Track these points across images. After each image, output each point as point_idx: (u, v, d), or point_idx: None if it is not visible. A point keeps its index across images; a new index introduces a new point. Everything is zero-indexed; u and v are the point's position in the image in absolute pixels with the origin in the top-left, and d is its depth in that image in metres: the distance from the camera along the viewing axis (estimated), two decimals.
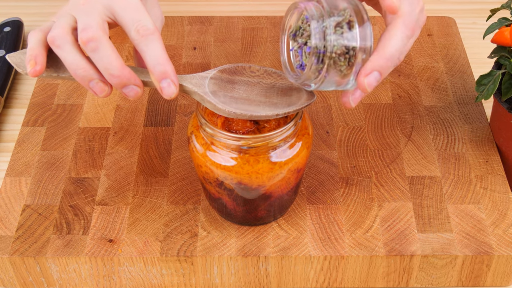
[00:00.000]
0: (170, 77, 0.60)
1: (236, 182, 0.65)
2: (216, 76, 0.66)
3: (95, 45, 0.59)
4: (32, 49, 0.61)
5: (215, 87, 0.65)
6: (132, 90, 0.62)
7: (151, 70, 0.60)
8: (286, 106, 0.63)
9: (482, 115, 0.83)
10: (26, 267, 0.70)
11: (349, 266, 0.70)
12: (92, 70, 0.61)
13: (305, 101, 0.64)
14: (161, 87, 0.61)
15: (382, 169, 0.77)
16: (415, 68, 0.89)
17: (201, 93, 0.63)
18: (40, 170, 0.77)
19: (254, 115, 0.62)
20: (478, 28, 1.00)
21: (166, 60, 0.60)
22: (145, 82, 0.63)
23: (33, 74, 0.60)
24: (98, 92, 0.62)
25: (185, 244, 0.70)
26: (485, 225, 0.71)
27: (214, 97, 0.63)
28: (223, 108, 0.62)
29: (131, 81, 0.61)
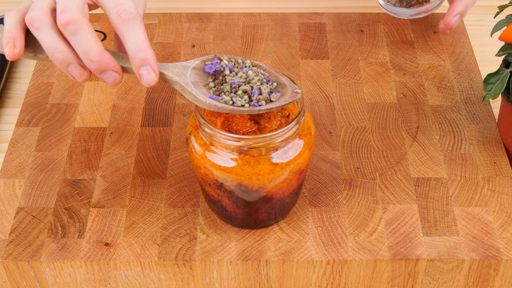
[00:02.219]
0: (150, 64, 0.60)
1: (236, 184, 0.65)
2: (199, 66, 0.66)
3: (74, 28, 0.59)
4: (10, 31, 0.61)
5: (197, 77, 0.64)
6: (110, 76, 0.62)
7: (131, 56, 0.60)
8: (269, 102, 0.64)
9: (489, 115, 0.83)
10: (19, 271, 0.70)
11: (352, 270, 0.70)
12: (70, 54, 0.61)
13: (289, 98, 0.64)
14: (140, 74, 0.61)
15: (386, 171, 0.77)
16: (421, 67, 0.89)
17: (182, 83, 0.63)
18: (34, 171, 0.77)
19: (235, 109, 0.62)
20: (486, 25, 1.00)
21: (147, 47, 0.60)
22: (125, 68, 0.63)
23: (11, 57, 0.60)
24: (77, 77, 0.62)
25: (183, 248, 0.70)
26: (493, 228, 0.72)
27: (195, 88, 0.63)
28: (204, 100, 0.62)
29: (110, 66, 0.61)
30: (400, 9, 0.88)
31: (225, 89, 0.63)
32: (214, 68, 0.65)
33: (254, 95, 0.63)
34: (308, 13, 0.97)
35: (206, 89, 0.64)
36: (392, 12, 0.90)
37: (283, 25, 0.96)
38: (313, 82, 0.87)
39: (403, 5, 0.88)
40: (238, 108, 0.62)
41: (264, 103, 0.63)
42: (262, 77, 0.65)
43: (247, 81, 0.64)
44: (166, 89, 0.86)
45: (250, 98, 0.63)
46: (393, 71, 0.89)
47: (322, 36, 0.94)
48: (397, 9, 0.89)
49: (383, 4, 0.90)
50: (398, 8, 0.88)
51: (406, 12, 0.89)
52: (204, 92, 0.63)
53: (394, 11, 0.89)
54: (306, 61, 0.90)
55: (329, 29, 0.95)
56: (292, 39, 0.93)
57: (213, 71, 0.65)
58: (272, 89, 0.65)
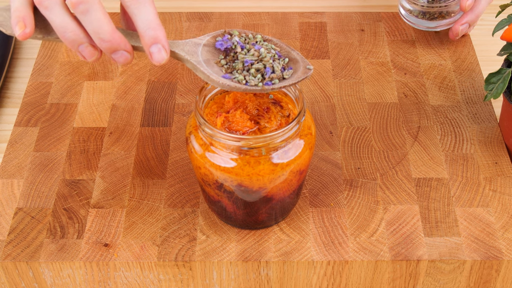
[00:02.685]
0: (161, 42, 0.60)
1: (236, 184, 0.65)
2: (210, 43, 0.65)
3: (86, 8, 0.59)
4: (18, 10, 0.60)
5: (209, 55, 0.64)
6: (122, 55, 0.61)
7: (142, 34, 0.60)
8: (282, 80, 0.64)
9: (491, 115, 0.83)
10: (18, 272, 0.70)
11: (353, 271, 0.70)
12: (81, 33, 0.60)
13: (302, 74, 0.64)
14: (151, 52, 0.61)
15: (387, 171, 0.77)
16: (422, 66, 0.89)
17: (194, 62, 0.63)
18: (33, 171, 0.77)
19: (249, 88, 0.62)
20: (487, 24, 1.00)
21: (158, 25, 0.60)
22: (135, 47, 0.63)
23: (22, 37, 0.60)
24: (88, 57, 0.61)
25: (183, 249, 0.70)
26: (494, 228, 0.72)
27: (207, 67, 0.63)
28: (217, 79, 0.62)
29: (121, 46, 0.61)
30: (421, 21, 0.90)
31: (237, 67, 0.63)
32: (225, 45, 0.64)
33: (267, 74, 0.63)
34: (309, 13, 0.97)
35: (218, 66, 0.64)
36: (413, 22, 0.92)
37: (283, 25, 0.96)
38: (313, 82, 0.87)
39: (425, 17, 0.90)
40: (252, 88, 0.62)
41: (277, 81, 0.63)
42: (274, 53, 0.64)
43: (259, 59, 0.63)
44: (165, 89, 0.86)
45: (263, 77, 0.63)
46: (394, 70, 0.89)
47: (322, 36, 0.94)
48: (419, 20, 0.90)
49: (405, 14, 0.92)
50: (420, 20, 0.90)
51: (427, 24, 0.90)
52: (216, 70, 0.63)
53: (415, 22, 0.91)
54: None
55: (329, 29, 0.95)
56: (293, 39, 0.93)
57: (224, 48, 0.65)
58: (284, 66, 0.65)
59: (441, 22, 0.90)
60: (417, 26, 0.91)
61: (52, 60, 0.90)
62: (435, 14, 0.89)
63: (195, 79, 0.88)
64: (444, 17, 0.89)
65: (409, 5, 0.91)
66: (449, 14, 0.89)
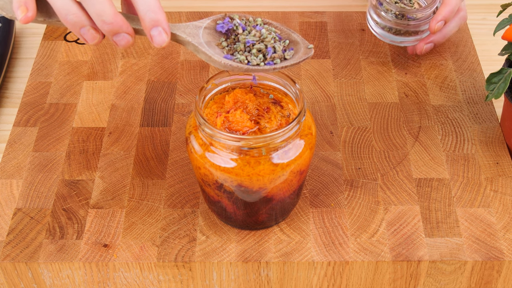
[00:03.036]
0: (161, 25, 0.60)
1: (236, 184, 0.65)
2: (210, 26, 0.65)
3: None
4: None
5: (210, 37, 0.64)
6: (123, 38, 0.61)
7: (142, 17, 0.60)
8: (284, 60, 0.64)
9: (492, 115, 0.83)
10: (17, 273, 0.70)
11: (354, 272, 0.70)
12: (83, 16, 0.60)
13: (303, 55, 0.64)
14: (151, 35, 0.61)
15: (388, 171, 0.77)
16: (423, 66, 0.89)
17: (196, 44, 0.63)
18: (32, 172, 0.77)
19: (251, 68, 0.62)
20: (488, 24, 1.00)
21: (159, 8, 0.60)
22: (136, 30, 0.63)
23: (24, 21, 0.60)
24: (89, 40, 0.61)
25: (183, 249, 0.70)
26: (496, 229, 0.72)
27: (209, 48, 0.63)
28: (219, 60, 0.62)
29: (123, 28, 0.61)
30: (387, 34, 0.87)
31: (238, 48, 0.63)
32: (226, 27, 0.65)
33: (268, 54, 0.63)
34: (309, 12, 0.97)
35: (219, 48, 0.64)
36: (379, 34, 0.88)
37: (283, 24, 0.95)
38: (314, 82, 0.87)
39: (391, 31, 0.86)
40: (253, 67, 0.62)
41: (279, 61, 0.63)
42: (275, 35, 0.65)
43: (261, 40, 0.63)
44: (165, 88, 0.86)
45: (265, 57, 0.63)
46: (394, 70, 0.89)
47: (323, 35, 0.94)
48: (385, 33, 0.87)
49: (372, 25, 0.88)
50: (386, 33, 0.87)
51: (393, 38, 0.87)
52: (218, 52, 0.63)
53: (382, 34, 0.87)
54: (307, 61, 0.90)
55: (330, 28, 0.95)
56: None
57: (225, 30, 0.65)
58: (285, 47, 0.65)
59: (407, 38, 0.86)
60: (383, 38, 0.88)
61: (51, 60, 0.90)
62: (402, 30, 0.86)
63: (195, 79, 0.88)
64: (411, 34, 0.86)
65: (376, 17, 0.87)
66: (416, 33, 0.86)
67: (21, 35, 0.99)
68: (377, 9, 0.86)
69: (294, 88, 0.67)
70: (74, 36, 0.94)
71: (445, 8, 0.82)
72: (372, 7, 0.87)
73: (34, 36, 0.99)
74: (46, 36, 0.94)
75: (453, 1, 0.83)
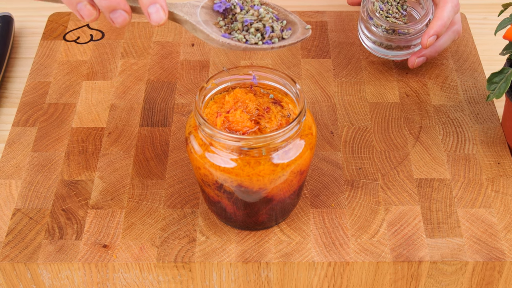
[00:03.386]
0: (159, 2, 0.60)
1: (236, 184, 0.65)
2: (208, 5, 0.65)
3: None
4: None
5: (207, 16, 0.64)
6: (120, 15, 0.61)
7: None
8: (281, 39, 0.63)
9: (493, 115, 0.83)
10: (16, 273, 0.70)
11: (354, 272, 0.70)
12: None
13: (301, 35, 0.64)
14: (149, 13, 0.60)
15: (389, 171, 0.77)
16: (423, 66, 0.89)
17: (193, 22, 0.63)
18: (31, 172, 0.77)
19: (249, 47, 0.62)
20: (490, 23, 1.00)
21: None
22: (133, 8, 0.62)
23: None
24: (86, 16, 0.61)
25: (182, 250, 0.70)
26: (497, 229, 0.72)
27: (206, 27, 0.63)
28: (216, 38, 0.62)
29: (120, 5, 0.60)
30: (379, 48, 0.86)
31: (236, 27, 0.63)
32: (224, 6, 0.65)
33: (266, 33, 0.63)
34: (309, 12, 0.97)
35: (217, 27, 0.64)
36: (371, 48, 0.87)
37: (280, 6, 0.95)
38: (314, 82, 0.87)
39: (382, 46, 0.85)
40: (252, 46, 0.62)
41: (277, 41, 0.63)
42: (273, 16, 0.65)
43: (259, 19, 0.63)
44: (165, 88, 0.86)
45: (263, 36, 0.63)
46: (395, 70, 0.89)
47: (323, 35, 0.94)
48: (377, 47, 0.86)
49: (363, 38, 0.87)
50: (377, 47, 0.86)
51: (385, 52, 0.86)
52: (216, 30, 0.63)
53: (373, 48, 0.86)
54: (307, 60, 0.90)
55: (330, 28, 0.95)
56: None
57: (222, 9, 0.65)
58: (283, 27, 0.65)
59: (398, 53, 0.85)
60: (374, 52, 0.86)
61: (50, 60, 0.90)
62: (393, 45, 0.85)
63: (195, 78, 0.88)
64: (402, 49, 0.85)
65: (367, 31, 0.85)
66: (407, 47, 0.85)
67: (20, 34, 0.99)
68: (368, 23, 0.84)
69: (295, 88, 0.67)
70: (73, 35, 0.94)
71: (437, 23, 0.81)
72: (363, 21, 0.85)
73: (33, 35, 0.99)
74: (45, 35, 0.94)
75: (445, 16, 0.82)
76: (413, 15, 0.87)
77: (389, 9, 0.85)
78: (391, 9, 0.85)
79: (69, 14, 0.97)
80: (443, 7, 0.82)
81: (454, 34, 0.86)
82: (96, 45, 0.92)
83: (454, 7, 0.83)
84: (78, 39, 0.93)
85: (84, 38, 0.93)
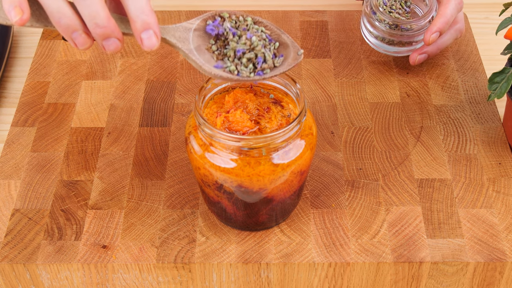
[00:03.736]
0: (152, 28, 0.60)
1: (236, 185, 0.65)
2: (200, 27, 0.65)
3: None
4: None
5: (199, 40, 0.64)
6: (113, 43, 0.61)
7: (134, 19, 0.60)
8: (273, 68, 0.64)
9: (494, 115, 0.83)
10: (15, 274, 0.70)
11: (355, 273, 0.70)
12: (77, 20, 0.60)
13: (292, 61, 0.64)
14: (141, 38, 0.60)
15: (389, 172, 0.77)
16: (424, 65, 0.89)
17: (185, 50, 0.63)
18: (30, 172, 0.77)
19: (242, 79, 0.62)
20: (491, 23, 1.00)
21: (150, 10, 0.60)
22: (126, 33, 0.63)
23: (20, 23, 0.59)
24: (80, 45, 0.61)
25: (182, 250, 0.70)
26: (498, 230, 0.72)
27: (199, 55, 0.63)
28: (209, 70, 0.62)
29: (114, 33, 0.60)
30: (381, 44, 0.86)
31: (228, 53, 0.63)
32: (216, 30, 0.65)
33: (259, 64, 0.63)
34: (310, 11, 0.97)
35: (209, 53, 0.64)
36: (373, 43, 0.87)
37: (284, 23, 0.96)
38: (314, 81, 0.87)
39: (385, 41, 0.86)
40: (243, 78, 0.62)
41: (268, 71, 0.63)
42: (265, 37, 0.65)
43: (251, 48, 0.64)
44: (164, 88, 0.86)
45: (255, 66, 0.63)
46: (396, 70, 0.89)
47: (323, 34, 0.94)
48: (379, 43, 0.86)
49: (366, 34, 0.88)
50: (379, 42, 0.86)
51: (387, 48, 0.86)
52: (208, 58, 0.63)
53: (375, 43, 0.87)
54: (308, 60, 0.90)
55: (331, 27, 0.95)
56: (293, 38, 0.93)
57: (215, 34, 0.65)
58: (275, 52, 0.65)
59: (400, 49, 0.86)
60: (376, 48, 0.87)
61: (49, 59, 0.90)
62: (395, 41, 0.85)
63: (195, 78, 0.88)
64: (404, 45, 0.86)
65: (370, 26, 0.86)
66: (409, 43, 0.86)
67: (19, 34, 0.99)
68: (371, 18, 0.85)
69: (295, 87, 0.67)
70: None
71: (440, 19, 0.82)
72: (366, 16, 0.86)
73: (32, 35, 0.99)
74: (44, 35, 0.94)
75: (449, 13, 0.82)
76: (416, 12, 0.87)
77: (393, 5, 0.86)
78: (394, 5, 0.86)
79: None
80: (446, 4, 0.82)
81: (457, 33, 0.86)
82: (96, 44, 0.92)
83: (458, 5, 0.83)
84: None
85: None
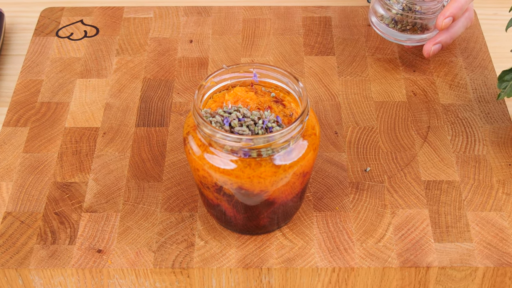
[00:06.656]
0: None
1: (237, 187, 0.66)
2: None
3: None
4: None
5: None
6: None
7: None
8: None
9: (504, 114, 0.83)
10: (7, 279, 0.70)
11: (359, 278, 0.70)
12: None
13: None
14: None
15: (395, 173, 0.77)
16: (432, 63, 0.89)
17: None
18: (22, 174, 0.77)
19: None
20: (500, 19, 1.00)
21: None
22: None
23: None
24: None
25: (180, 255, 0.70)
26: (508, 234, 0.72)
27: None
28: None
29: None
30: (391, 31, 0.86)
31: None
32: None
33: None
34: (313, 7, 0.97)
35: None
36: (382, 32, 0.87)
37: (286, 19, 0.96)
38: (317, 80, 0.87)
39: (396, 27, 0.86)
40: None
41: None
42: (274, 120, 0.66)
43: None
44: (162, 87, 0.86)
45: None
46: (402, 67, 0.89)
47: (327, 31, 0.94)
48: (389, 30, 0.87)
49: (375, 21, 0.88)
50: (390, 29, 0.86)
51: (397, 35, 0.87)
52: None
53: (385, 31, 0.87)
54: (311, 57, 0.90)
55: (334, 24, 0.95)
56: (296, 34, 0.93)
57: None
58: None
59: (411, 36, 0.86)
60: (386, 36, 0.87)
61: (42, 57, 0.90)
62: (408, 25, 0.85)
63: (193, 76, 0.88)
64: (416, 31, 0.86)
65: (382, 10, 0.87)
66: (422, 30, 0.86)
67: (11, 31, 0.99)
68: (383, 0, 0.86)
69: (297, 86, 0.67)
70: (66, 32, 0.94)
71: (454, 4, 0.82)
72: (378, 0, 0.87)
73: (25, 32, 0.99)
74: (37, 32, 0.94)
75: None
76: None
77: None
78: None
79: (62, 9, 0.97)
80: None
81: (467, 21, 0.88)
82: (90, 41, 0.92)
83: None
84: (72, 36, 0.93)
85: (78, 35, 0.93)
